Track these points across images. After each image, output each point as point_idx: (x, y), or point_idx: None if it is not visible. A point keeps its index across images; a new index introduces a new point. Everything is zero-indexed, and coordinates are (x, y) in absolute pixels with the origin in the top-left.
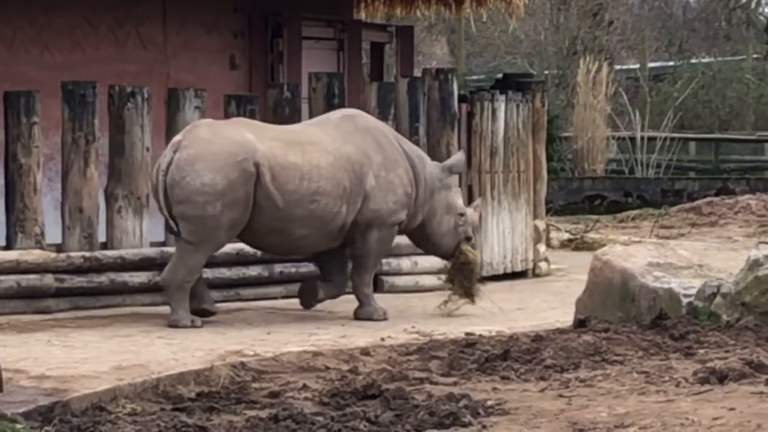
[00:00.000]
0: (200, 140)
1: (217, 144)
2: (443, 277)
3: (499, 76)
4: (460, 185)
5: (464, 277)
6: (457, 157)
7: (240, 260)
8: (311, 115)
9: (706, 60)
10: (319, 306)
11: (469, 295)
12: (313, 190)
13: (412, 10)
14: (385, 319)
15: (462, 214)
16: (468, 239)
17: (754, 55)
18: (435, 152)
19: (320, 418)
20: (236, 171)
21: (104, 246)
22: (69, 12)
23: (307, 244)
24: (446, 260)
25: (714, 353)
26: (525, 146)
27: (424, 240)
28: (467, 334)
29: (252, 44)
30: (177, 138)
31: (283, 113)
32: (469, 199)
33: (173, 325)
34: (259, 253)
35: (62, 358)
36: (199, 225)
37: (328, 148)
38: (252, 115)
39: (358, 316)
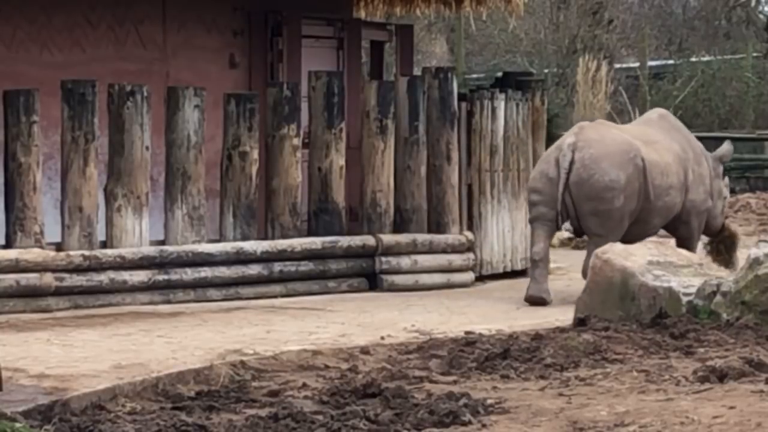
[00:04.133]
0: (594, 140)
1: (610, 143)
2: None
3: (499, 74)
4: (459, 184)
5: (726, 250)
6: (727, 147)
7: (240, 259)
8: (311, 115)
9: (705, 58)
10: (318, 305)
11: (729, 264)
12: (668, 185)
13: (411, 9)
14: None
15: (726, 198)
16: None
17: (754, 54)
18: (435, 151)
19: (320, 417)
20: (631, 166)
21: (104, 245)
22: (68, 11)
23: (653, 231)
24: (712, 237)
25: (714, 352)
26: (525, 145)
27: None
28: (467, 332)
29: (252, 43)
30: (570, 139)
31: (283, 112)
32: (469, 199)
33: None
34: (258, 251)
35: (62, 356)
36: (608, 218)
37: (665, 145)
38: (251, 114)
39: None
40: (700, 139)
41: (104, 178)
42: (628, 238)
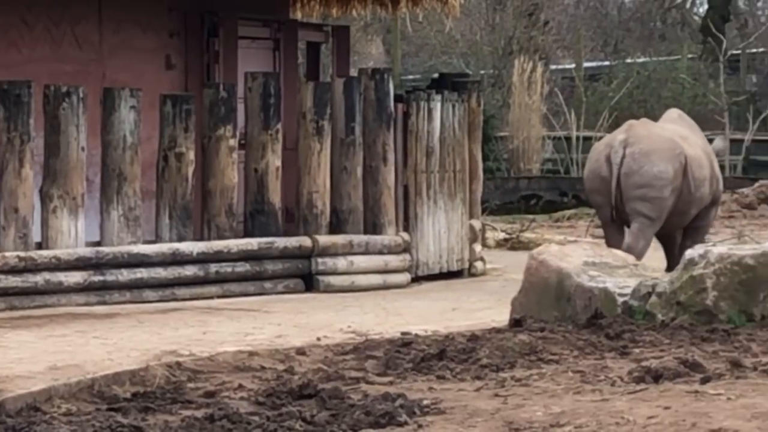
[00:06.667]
0: (644, 137)
1: (657, 139)
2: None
3: (435, 75)
4: (396, 185)
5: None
6: (723, 143)
7: (176, 260)
8: (247, 116)
9: (641, 60)
10: (254, 306)
11: None
12: (703, 177)
13: (348, 10)
14: None
15: None
16: None
17: (689, 55)
18: (371, 152)
19: (256, 418)
20: (677, 162)
21: (39, 246)
22: (5, 11)
23: (688, 221)
24: None
25: (649, 352)
26: (461, 146)
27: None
28: (403, 333)
29: (188, 44)
30: (621, 136)
31: (219, 113)
32: (405, 200)
33: None
34: (194, 252)
35: None
36: (656, 204)
37: (693, 141)
38: (187, 115)
39: None
40: None
41: (40, 179)
42: (670, 228)
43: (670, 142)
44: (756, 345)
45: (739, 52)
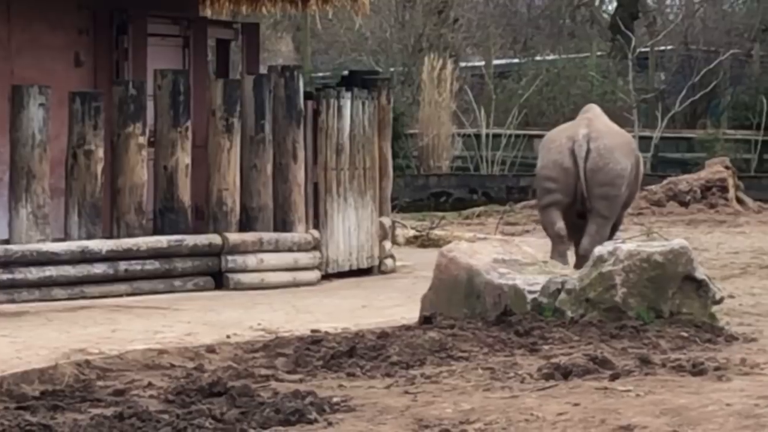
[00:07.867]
0: (604, 132)
1: (616, 135)
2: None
3: (345, 73)
4: (306, 182)
5: None
6: None
7: (85, 258)
8: (156, 113)
9: (550, 57)
10: (164, 304)
11: None
12: (641, 173)
13: (257, 8)
14: None
15: None
16: None
17: (598, 53)
18: (281, 149)
19: (165, 416)
20: (632, 156)
21: None
22: None
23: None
24: None
25: (558, 349)
26: (371, 143)
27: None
28: (313, 331)
29: (97, 41)
30: (583, 131)
31: (128, 110)
32: (315, 197)
33: None
34: (104, 250)
35: None
36: (615, 202)
37: (627, 136)
38: (96, 113)
39: None
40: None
41: None
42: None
43: (627, 137)
44: (665, 341)
45: (647, 49)
